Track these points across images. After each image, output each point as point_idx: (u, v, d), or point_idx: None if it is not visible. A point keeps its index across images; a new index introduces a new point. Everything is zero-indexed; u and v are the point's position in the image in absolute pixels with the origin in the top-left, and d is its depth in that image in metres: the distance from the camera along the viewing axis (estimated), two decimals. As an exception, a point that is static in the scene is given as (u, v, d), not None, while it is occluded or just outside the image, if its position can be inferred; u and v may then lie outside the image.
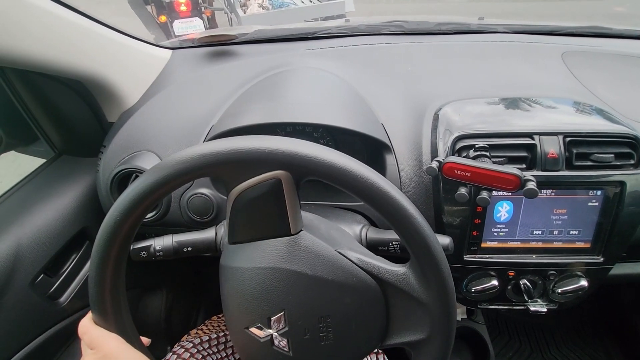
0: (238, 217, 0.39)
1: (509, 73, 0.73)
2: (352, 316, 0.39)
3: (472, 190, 0.55)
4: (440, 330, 0.39)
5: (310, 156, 0.35)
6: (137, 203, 0.36)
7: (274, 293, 0.38)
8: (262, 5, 2.75)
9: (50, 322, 0.64)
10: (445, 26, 0.86)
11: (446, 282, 0.37)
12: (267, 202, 0.37)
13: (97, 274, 0.38)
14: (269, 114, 0.59)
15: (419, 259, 0.37)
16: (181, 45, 0.84)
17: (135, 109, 0.69)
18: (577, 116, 0.59)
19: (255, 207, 0.38)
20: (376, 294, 0.39)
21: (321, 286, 0.38)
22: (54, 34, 0.55)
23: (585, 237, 0.59)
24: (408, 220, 0.35)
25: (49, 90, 0.66)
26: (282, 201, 0.37)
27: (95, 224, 0.70)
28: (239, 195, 0.37)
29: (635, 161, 0.55)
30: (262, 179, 0.36)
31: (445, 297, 0.37)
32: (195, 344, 0.61)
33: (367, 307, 0.39)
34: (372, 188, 0.34)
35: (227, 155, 0.35)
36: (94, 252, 0.38)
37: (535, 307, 0.64)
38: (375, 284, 0.39)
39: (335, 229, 0.46)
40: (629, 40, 0.87)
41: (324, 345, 0.39)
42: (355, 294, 0.38)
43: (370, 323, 0.39)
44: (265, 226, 0.38)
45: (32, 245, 0.59)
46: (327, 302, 0.38)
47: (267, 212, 0.38)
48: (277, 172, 0.36)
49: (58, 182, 0.69)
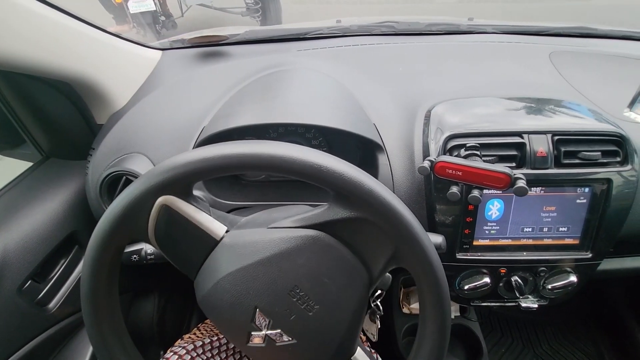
0: (174, 257, 0.40)
1: (499, 73, 0.74)
2: (317, 273, 0.38)
3: (464, 189, 0.55)
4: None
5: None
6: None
7: (236, 299, 0.38)
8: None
9: (38, 328, 0.63)
10: (435, 27, 0.87)
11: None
12: (175, 228, 0.38)
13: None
14: (261, 115, 0.59)
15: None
16: (171, 46, 0.83)
17: (125, 110, 0.68)
18: (565, 115, 0.60)
19: (174, 241, 0.39)
20: (325, 240, 0.38)
21: (270, 265, 0.37)
22: (41, 35, 0.54)
23: (574, 234, 0.60)
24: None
25: (36, 92, 0.65)
26: (185, 220, 0.38)
27: (84, 227, 0.69)
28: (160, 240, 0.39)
29: (621, 159, 0.57)
30: (153, 213, 0.37)
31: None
32: (189, 350, 0.60)
33: (325, 256, 0.38)
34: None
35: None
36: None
37: (526, 304, 0.65)
38: (318, 232, 0.38)
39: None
40: (615, 40, 0.89)
41: (313, 314, 0.38)
42: (304, 253, 0.37)
43: (341, 267, 0.38)
44: (194, 250, 0.39)
45: (19, 250, 0.58)
46: (285, 275, 0.37)
47: (183, 237, 0.39)
48: (159, 200, 0.37)
49: (46, 186, 0.68)
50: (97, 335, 0.40)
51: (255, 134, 0.70)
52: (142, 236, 0.39)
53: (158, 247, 0.40)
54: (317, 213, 0.38)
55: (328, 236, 0.38)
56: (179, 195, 0.38)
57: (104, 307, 0.40)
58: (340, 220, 0.37)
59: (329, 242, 0.38)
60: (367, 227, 0.37)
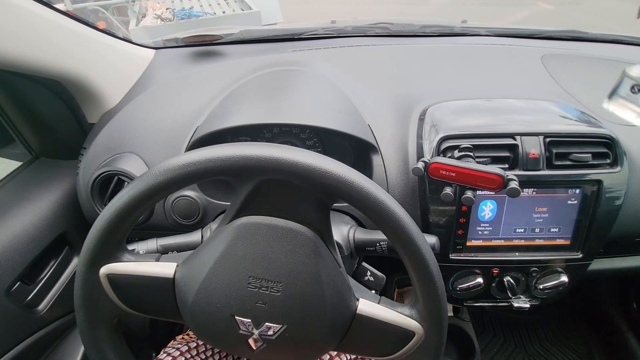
0: (155, 313, 0.42)
1: (491, 75, 0.75)
2: (259, 254, 0.36)
3: (457, 190, 0.56)
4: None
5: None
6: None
7: (213, 318, 0.38)
8: (161, 17, 2.24)
9: (27, 331, 0.62)
10: (429, 28, 0.87)
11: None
12: (131, 289, 0.39)
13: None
14: (255, 115, 0.58)
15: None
16: (165, 45, 0.83)
17: (117, 109, 0.67)
18: (557, 117, 0.61)
19: (141, 300, 0.41)
20: (249, 220, 0.37)
21: (218, 271, 0.37)
22: (32, 32, 0.53)
23: (565, 235, 0.61)
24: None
25: (26, 90, 0.64)
26: (133, 278, 0.39)
27: (75, 228, 0.68)
28: None
29: (611, 160, 0.58)
30: (106, 287, 0.39)
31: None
32: (183, 352, 0.59)
33: (256, 234, 0.37)
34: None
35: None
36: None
37: (518, 303, 0.65)
38: (239, 218, 0.37)
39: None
40: (605, 44, 0.90)
41: (282, 292, 0.36)
42: (238, 243, 0.37)
43: (277, 236, 0.37)
44: (160, 298, 0.40)
45: (8, 251, 0.57)
46: (234, 272, 0.37)
47: (143, 293, 0.40)
48: (101, 273, 0.38)
49: (36, 186, 0.67)
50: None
51: (250, 134, 0.69)
52: (115, 311, 0.40)
53: (139, 314, 0.41)
54: (232, 200, 0.38)
55: (250, 217, 0.37)
56: (114, 260, 0.38)
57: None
58: (251, 195, 0.36)
59: (253, 221, 0.37)
60: (276, 188, 0.36)
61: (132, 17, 2.37)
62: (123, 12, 2.85)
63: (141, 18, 2.30)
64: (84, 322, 0.39)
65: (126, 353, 0.43)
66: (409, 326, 0.39)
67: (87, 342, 0.40)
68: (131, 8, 2.49)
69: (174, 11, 2.28)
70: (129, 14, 2.53)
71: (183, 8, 2.36)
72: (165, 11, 2.27)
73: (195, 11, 2.31)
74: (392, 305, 0.40)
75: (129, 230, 0.38)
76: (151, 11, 2.30)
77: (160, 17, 2.23)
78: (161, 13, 2.25)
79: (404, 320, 0.39)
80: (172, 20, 2.23)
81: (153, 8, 2.33)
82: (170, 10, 2.29)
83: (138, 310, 0.40)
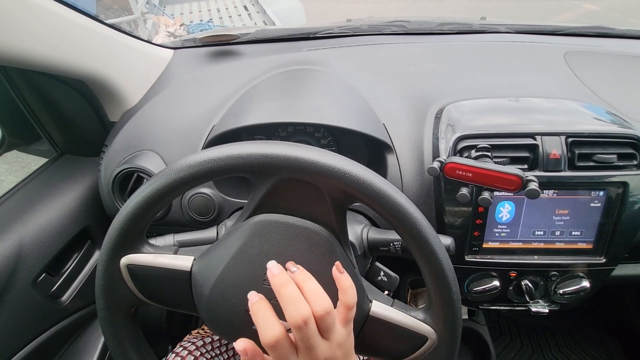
0: (172, 305, 0.42)
1: (511, 73, 0.73)
2: (276, 251, 0.36)
3: (474, 191, 0.54)
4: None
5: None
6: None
7: (229, 313, 0.37)
8: (174, 34, 2.20)
9: (51, 321, 0.64)
10: (447, 26, 0.86)
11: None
12: (150, 280, 0.40)
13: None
14: (270, 114, 0.59)
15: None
16: (183, 45, 0.84)
17: (137, 108, 0.69)
18: (579, 117, 0.59)
19: (159, 291, 0.41)
20: (267, 218, 0.37)
21: (235, 266, 0.37)
22: (57, 34, 0.55)
23: (588, 238, 0.59)
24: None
25: (52, 89, 0.67)
26: (151, 269, 0.40)
27: (97, 223, 0.70)
28: None
29: (638, 162, 0.55)
30: (126, 277, 0.40)
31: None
32: (198, 346, 0.61)
33: (274, 232, 0.37)
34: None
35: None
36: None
37: (536, 308, 0.63)
38: (258, 215, 0.38)
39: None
40: (632, 40, 0.87)
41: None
42: (254, 240, 0.37)
43: (295, 235, 0.37)
44: (178, 290, 0.41)
45: (34, 244, 0.60)
46: (250, 268, 0.37)
47: (161, 284, 0.40)
48: (121, 263, 0.39)
49: (60, 182, 0.69)
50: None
51: (265, 133, 0.70)
52: (133, 301, 0.40)
53: (156, 304, 0.41)
54: (250, 197, 0.38)
55: (267, 214, 0.37)
56: (134, 251, 0.39)
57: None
58: (269, 193, 0.37)
59: (270, 218, 0.37)
60: (294, 187, 0.36)
61: (142, 34, 2.35)
62: (133, 30, 2.79)
63: (154, 34, 2.25)
64: (103, 309, 0.40)
65: (142, 341, 0.44)
66: (422, 330, 0.38)
67: (106, 328, 0.41)
68: (142, 25, 2.41)
69: (188, 27, 2.23)
70: (139, 31, 2.45)
71: (200, 21, 2.31)
72: (179, 28, 2.22)
73: (208, 26, 2.23)
74: (405, 309, 0.39)
75: (149, 222, 0.39)
76: (163, 27, 2.25)
77: (172, 35, 2.19)
78: (174, 30, 2.21)
79: (417, 325, 0.38)
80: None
81: (166, 24, 2.28)
82: (184, 26, 2.23)
83: (155, 300, 0.41)
